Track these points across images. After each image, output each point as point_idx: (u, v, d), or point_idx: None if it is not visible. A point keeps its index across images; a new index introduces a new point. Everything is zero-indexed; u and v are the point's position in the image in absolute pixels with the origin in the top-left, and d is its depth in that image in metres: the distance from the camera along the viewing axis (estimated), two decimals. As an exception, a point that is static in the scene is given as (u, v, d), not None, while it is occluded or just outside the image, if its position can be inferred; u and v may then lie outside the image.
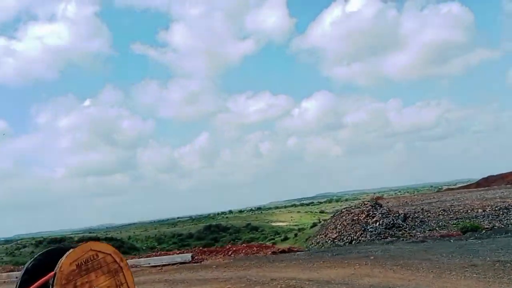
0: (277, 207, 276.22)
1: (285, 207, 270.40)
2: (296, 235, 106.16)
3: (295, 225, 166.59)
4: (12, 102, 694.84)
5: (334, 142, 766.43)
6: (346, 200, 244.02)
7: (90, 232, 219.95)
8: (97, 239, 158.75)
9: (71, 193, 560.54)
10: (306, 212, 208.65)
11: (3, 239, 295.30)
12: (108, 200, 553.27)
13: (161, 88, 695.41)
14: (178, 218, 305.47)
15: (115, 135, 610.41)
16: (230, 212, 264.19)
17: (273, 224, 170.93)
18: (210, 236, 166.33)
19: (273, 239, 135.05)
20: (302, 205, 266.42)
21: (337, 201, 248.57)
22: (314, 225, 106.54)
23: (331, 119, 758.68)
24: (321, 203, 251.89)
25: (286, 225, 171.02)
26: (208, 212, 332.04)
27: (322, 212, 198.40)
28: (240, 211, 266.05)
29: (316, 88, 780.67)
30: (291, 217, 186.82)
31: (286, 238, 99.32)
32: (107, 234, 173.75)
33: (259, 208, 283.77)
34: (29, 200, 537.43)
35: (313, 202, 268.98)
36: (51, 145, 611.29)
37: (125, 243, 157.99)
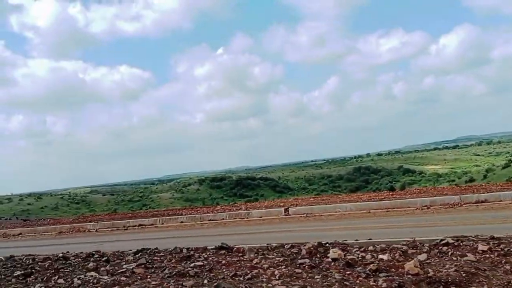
0: (416, 151, 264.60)
1: (427, 150, 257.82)
2: (485, 176, 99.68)
3: (452, 169, 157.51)
4: (154, 53, 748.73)
5: (478, 79, 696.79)
6: (499, 142, 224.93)
7: (233, 173, 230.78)
8: (253, 178, 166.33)
9: (209, 136, 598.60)
10: (455, 155, 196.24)
11: (156, 179, 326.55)
12: (243, 144, 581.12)
13: (288, 32, 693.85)
14: (312, 161, 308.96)
15: (247, 81, 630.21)
16: (368, 155, 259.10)
17: (426, 167, 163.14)
18: (361, 178, 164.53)
19: (437, 181, 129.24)
20: (445, 148, 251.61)
21: (488, 143, 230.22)
22: (507, 165, 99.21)
23: (475, 55, 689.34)
24: (468, 146, 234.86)
25: (441, 168, 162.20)
26: (342, 155, 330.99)
27: (477, 155, 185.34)
28: (379, 154, 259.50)
29: (456, 21, 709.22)
30: (445, 160, 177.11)
31: (471, 180, 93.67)
32: (256, 175, 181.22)
33: (397, 152, 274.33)
34: (173, 144, 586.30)
35: (458, 145, 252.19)
36: (189, 92, 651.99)
37: (279, 183, 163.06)
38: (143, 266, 7.44)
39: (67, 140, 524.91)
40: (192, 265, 7.35)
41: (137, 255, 8.96)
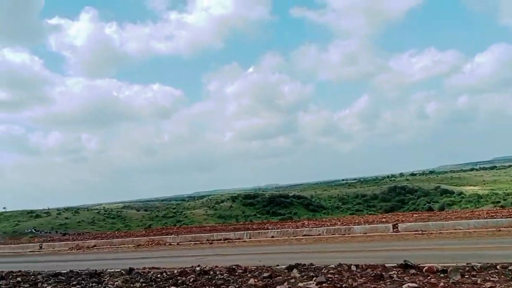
0: (452, 171, 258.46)
1: (463, 170, 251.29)
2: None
3: (491, 190, 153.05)
4: (186, 72, 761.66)
5: None
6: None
7: (262, 191, 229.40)
8: (286, 196, 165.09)
9: (239, 154, 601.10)
10: (494, 176, 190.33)
11: (186, 195, 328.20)
12: (272, 162, 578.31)
13: (319, 51, 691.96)
14: (342, 180, 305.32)
15: (277, 100, 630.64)
16: (401, 174, 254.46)
17: (464, 188, 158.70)
18: (396, 198, 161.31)
19: (478, 202, 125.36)
20: (482, 169, 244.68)
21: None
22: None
23: (511, 74, 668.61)
24: (506, 167, 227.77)
25: (480, 189, 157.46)
26: (373, 174, 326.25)
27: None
28: (412, 174, 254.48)
29: (492, 40, 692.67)
30: (483, 181, 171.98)
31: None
32: (289, 193, 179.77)
33: (431, 172, 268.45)
34: (203, 161, 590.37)
35: (495, 166, 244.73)
36: (220, 111, 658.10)
37: (312, 201, 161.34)
38: (326, 284, 6.91)
39: (100, 156, 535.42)
40: (405, 286, 6.63)
41: (303, 272, 8.35)
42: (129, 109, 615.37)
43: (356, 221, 20.10)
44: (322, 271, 8.24)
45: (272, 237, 18.48)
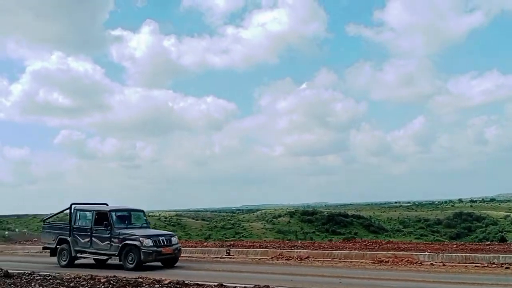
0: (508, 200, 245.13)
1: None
2: None
3: None
4: (239, 85, 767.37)
5: None
6: None
7: (312, 208, 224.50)
8: (345, 215, 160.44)
9: (288, 170, 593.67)
10: None
11: (234, 208, 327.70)
12: (321, 179, 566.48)
13: (375, 70, 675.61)
14: (395, 202, 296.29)
15: (329, 117, 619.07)
16: (460, 200, 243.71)
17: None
18: (462, 225, 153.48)
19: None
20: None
21: None
22: None
23: None
24: None
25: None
26: (426, 199, 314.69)
27: None
28: (472, 201, 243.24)
29: None
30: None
31: None
32: (348, 212, 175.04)
33: (492, 200, 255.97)
34: (252, 175, 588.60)
35: None
36: (270, 125, 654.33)
37: (373, 222, 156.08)
38: None
39: (153, 165, 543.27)
40: None
41: None
42: (183, 120, 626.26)
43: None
44: None
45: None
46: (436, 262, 16.27)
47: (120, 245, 16.51)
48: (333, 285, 12.22)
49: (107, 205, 19.12)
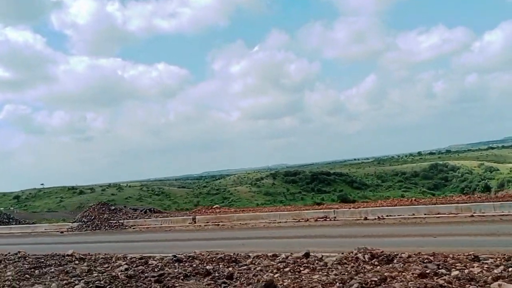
0: (469, 150, 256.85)
1: (479, 149, 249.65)
2: None
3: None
4: (191, 50, 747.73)
5: None
6: None
7: (272, 170, 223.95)
8: (327, 173, 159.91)
9: (246, 134, 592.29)
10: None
11: (196, 175, 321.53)
12: (279, 142, 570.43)
13: (326, 29, 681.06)
14: (354, 159, 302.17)
15: (283, 79, 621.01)
16: (419, 153, 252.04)
17: (508, 165, 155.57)
18: (439, 176, 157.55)
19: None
20: (496, 148, 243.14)
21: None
22: None
23: None
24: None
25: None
26: (384, 154, 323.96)
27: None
28: (431, 153, 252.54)
29: (502, 17, 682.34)
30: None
31: None
32: (330, 169, 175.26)
33: (448, 151, 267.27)
34: (210, 141, 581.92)
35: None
36: (225, 90, 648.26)
37: (356, 179, 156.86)
38: None
39: (106, 136, 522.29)
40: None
41: None
42: (134, 89, 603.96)
43: None
44: None
45: None
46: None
47: None
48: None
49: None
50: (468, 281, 6.05)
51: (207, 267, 8.49)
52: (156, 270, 8.55)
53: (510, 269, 6.76)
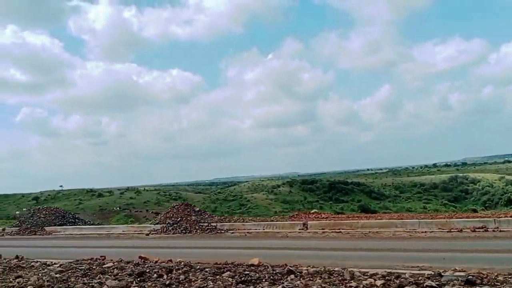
0: (485, 163, 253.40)
1: (496, 163, 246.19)
2: None
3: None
4: (205, 57, 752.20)
5: None
6: None
7: (282, 179, 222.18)
8: (345, 183, 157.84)
9: (257, 142, 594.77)
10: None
11: (207, 181, 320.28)
12: (291, 150, 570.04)
13: (340, 38, 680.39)
14: (368, 169, 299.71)
15: (296, 88, 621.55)
16: (435, 165, 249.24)
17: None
18: (459, 188, 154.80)
19: None
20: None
21: None
22: None
23: None
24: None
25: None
26: (397, 165, 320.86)
27: None
28: (447, 165, 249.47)
29: None
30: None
31: None
32: (348, 179, 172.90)
33: (464, 164, 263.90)
34: (222, 148, 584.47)
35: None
36: (238, 97, 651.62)
37: (374, 189, 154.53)
38: None
39: (120, 141, 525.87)
40: None
41: None
42: (148, 94, 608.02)
43: None
44: None
45: None
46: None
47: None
48: None
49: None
50: None
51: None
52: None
53: None
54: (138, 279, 8.01)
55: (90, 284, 7.70)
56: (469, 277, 6.89)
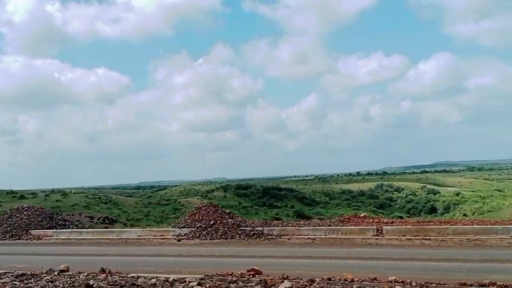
0: (404, 172, 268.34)
1: (414, 173, 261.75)
2: None
3: (471, 191, 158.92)
4: (133, 57, 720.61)
5: (454, 108, 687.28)
6: (491, 169, 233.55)
7: (210, 183, 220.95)
8: (278, 188, 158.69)
9: (185, 146, 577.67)
10: (464, 179, 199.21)
11: (133, 185, 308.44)
12: (219, 155, 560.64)
13: (270, 47, 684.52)
14: (294, 176, 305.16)
15: (226, 93, 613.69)
16: (358, 173, 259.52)
17: (447, 188, 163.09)
18: (385, 196, 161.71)
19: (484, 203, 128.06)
20: (429, 172, 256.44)
21: (479, 169, 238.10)
22: None
23: (451, 83, 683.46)
24: (461, 170, 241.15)
25: (461, 190, 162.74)
26: (319, 173, 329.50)
27: (485, 179, 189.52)
28: (369, 174, 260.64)
29: (436, 48, 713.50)
30: (459, 182, 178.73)
31: None
32: (280, 185, 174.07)
33: (385, 173, 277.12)
34: (148, 151, 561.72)
35: (445, 170, 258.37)
36: (167, 100, 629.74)
37: (307, 195, 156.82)
38: None
39: (38, 140, 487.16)
40: None
41: None
42: (71, 93, 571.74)
43: None
44: None
45: None
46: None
47: None
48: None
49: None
50: None
51: None
52: None
53: None
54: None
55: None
56: None
